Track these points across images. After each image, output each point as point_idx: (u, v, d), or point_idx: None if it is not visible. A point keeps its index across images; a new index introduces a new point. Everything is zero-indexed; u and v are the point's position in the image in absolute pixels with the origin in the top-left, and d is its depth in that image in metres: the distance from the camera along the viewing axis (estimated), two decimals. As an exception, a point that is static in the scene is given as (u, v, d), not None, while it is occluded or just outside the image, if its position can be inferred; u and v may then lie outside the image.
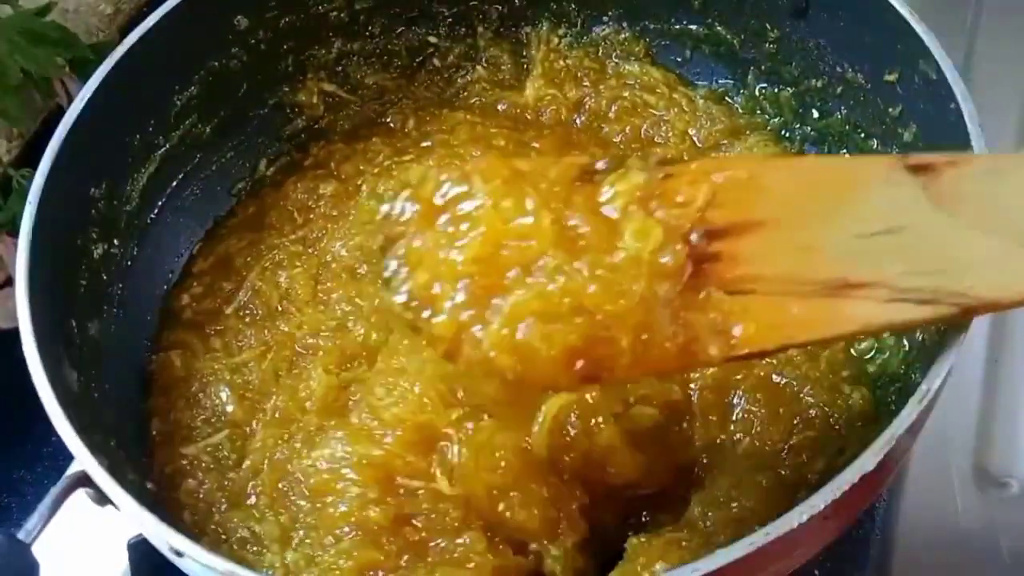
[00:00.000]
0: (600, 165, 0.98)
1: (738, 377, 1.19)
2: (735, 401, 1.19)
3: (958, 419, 1.35)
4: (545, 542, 1.09)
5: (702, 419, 1.18)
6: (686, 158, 1.40)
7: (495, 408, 1.09)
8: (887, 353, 1.20)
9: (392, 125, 1.54)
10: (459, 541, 1.07)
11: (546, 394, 1.09)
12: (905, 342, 1.19)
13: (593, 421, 1.11)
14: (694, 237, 0.95)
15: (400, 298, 0.96)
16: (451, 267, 0.94)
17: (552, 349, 0.91)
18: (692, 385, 1.20)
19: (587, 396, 1.12)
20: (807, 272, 0.96)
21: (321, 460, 1.14)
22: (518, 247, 0.93)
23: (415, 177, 0.99)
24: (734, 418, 1.18)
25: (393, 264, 0.97)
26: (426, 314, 0.94)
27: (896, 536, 1.29)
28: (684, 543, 1.04)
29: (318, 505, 1.13)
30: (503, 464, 1.08)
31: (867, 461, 0.92)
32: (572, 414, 1.11)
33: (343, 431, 1.15)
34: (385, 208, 0.99)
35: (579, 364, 0.91)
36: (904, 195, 0.97)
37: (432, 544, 1.08)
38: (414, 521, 1.09)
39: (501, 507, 1.08)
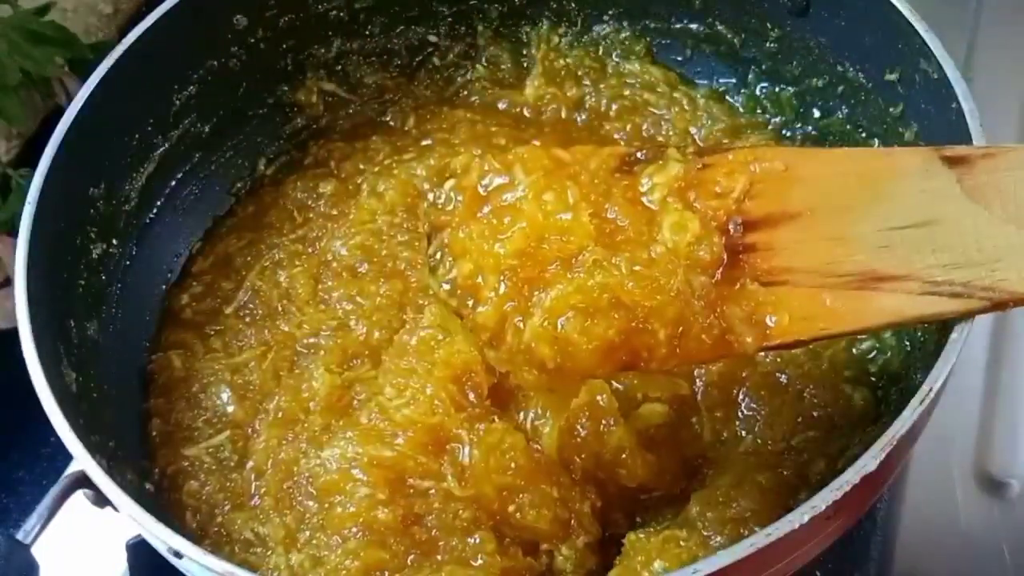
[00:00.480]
0: (640, 155, 1.00)
1: (744, 374, 1.19)
2: (740, 398, 1.19)
3: (959, 420, 1.35)
4: (556, 542, 1.09)
5: (708, 415, 1.18)
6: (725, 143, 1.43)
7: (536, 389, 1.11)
8: (888, 354, 1.20)
9: (392, 124, 1.53)
10: (469, 541, 1.08)
11: (585, 381, 1.11)
12: (906, 342, 1.19)
13: (603, 423, 1.11)
14: (731, 227, 0.97)
15: (445, 286, 1.01)
16: (494, 259, 0.97)
17: (591, 342, 0.94)
18: (698, 381, 1.20)
19: (598, 398, 1.12)
20: (840, 264, 0.97)
21: (330, 460, 1.13)
22: (559, 241, 0.96)
23: (460, 166, 1.01)
24: (738, 415, 1.18)
25: (438, 252, 1.01)
26: (470, 303, 0.98)
27: (897, 536, 1.29)
28: (682, 542, 1.04)
29: (326, 505, 1.13)
30: (513, 465, 1.09)
31: (868, 462, 0.92)
32: (583, 416, 1.12)
33: (352, 431, 1.15)
34: (431, 196, 1.02)
35: (617, 355, 0.95)
36: (938, 187, 0.98)
37: (441, 544, 1.08)
38: (424, 521, 1.09)
39: (511, 508, 1.08)
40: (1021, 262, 0.95)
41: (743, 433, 1.17)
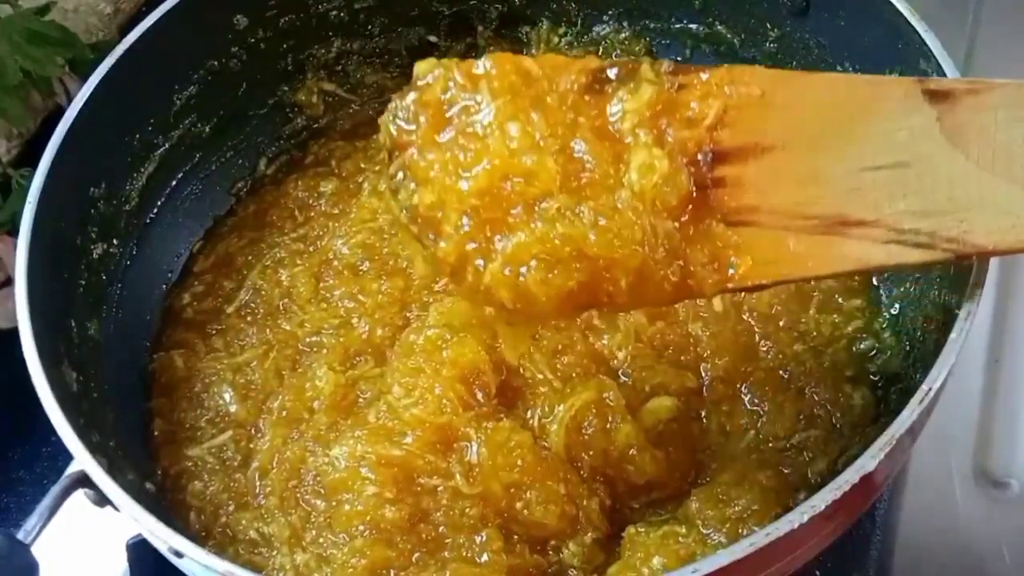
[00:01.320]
0: (611, 73, 0.95)
1: (749, 369, 1.20)
2: (744, 392, 1.19)
3: (959, 419, 1.35)
4: (564, 538, 1.09)
5: (714, 409, 1.19)
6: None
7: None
8: (888, 353, 1.20)
9: (393, 123, 1.53)
10: (475, 539, 1.08)
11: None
12: (906, 342, 1.19)
13: (610, 420, 1.12)
14: (700, 159, 0.94)
15: (406, 213, 0.97)
16: (457, 196, 0.94)
17: (550, 292, 0.92)
18: (704, 375, 1.21)
19: (604, 396, 1.13)
20: (809, 206, 0.94)
21: (339, 458, 1.13)
22: (522, 184, 0.93)
23: (421, 71, 0.96)
24: (742, 410, 1.18)
25: (399, 173, 0.97)
26: (432, 236, 0.95)
27: (897, 536, 1.29)
28: (681, 538, 1.04)
29: (333, 503, 1.13)
30: (520, 462, 1.09)
31: (868, 462, 0.92)
32: (590, 413, 1.12)
33: (361, 430, 1.15)
34: (392, 106, 0.97)
35: (577, 301, 0.93)
36: (917, 125, 0.94)
37: (448, 541, 1.09)
38: (431, 519, 1.10)
39: (519, 504, 1.09)
40: (989, 214, 0.92)
41: (747, 429, 1.17)
